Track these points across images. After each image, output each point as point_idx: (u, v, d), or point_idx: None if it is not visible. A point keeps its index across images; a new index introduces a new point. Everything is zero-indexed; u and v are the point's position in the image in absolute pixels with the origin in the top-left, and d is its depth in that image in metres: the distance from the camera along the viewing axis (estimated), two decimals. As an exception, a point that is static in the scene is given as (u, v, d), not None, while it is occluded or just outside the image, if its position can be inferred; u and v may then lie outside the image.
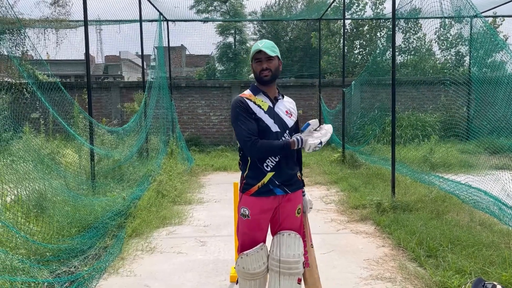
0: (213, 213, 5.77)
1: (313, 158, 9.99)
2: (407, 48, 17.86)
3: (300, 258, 2.50)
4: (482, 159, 7.86)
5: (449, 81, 8.64)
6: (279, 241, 2.50)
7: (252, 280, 2.55)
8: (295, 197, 2.58)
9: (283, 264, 2.46)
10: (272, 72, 2.48)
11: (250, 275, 2.52)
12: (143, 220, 5.07)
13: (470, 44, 12.73)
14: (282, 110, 2.56)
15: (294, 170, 2.61)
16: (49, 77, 14.56)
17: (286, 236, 2.49)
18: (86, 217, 4.54)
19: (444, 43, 17.14)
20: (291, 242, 2.48)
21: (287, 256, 2.46)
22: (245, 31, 22.29)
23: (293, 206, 2.56)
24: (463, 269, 3.42)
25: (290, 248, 2.48)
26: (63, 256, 3.71)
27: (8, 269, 2.85)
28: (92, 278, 3.55)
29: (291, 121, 2.57)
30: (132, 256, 4.16)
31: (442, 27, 16.81)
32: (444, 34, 16.90)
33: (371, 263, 3.94)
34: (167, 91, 10.41)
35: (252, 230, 2.52)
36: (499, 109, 6.76)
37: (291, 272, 2.46)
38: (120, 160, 6.70)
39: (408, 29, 17.83)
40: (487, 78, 7.84)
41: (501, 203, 5.22)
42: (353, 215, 5.49)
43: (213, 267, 3.93)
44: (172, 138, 9.70)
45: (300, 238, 2.54)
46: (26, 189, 4.30)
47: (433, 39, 17.27)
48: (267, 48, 2.46)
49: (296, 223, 2.59)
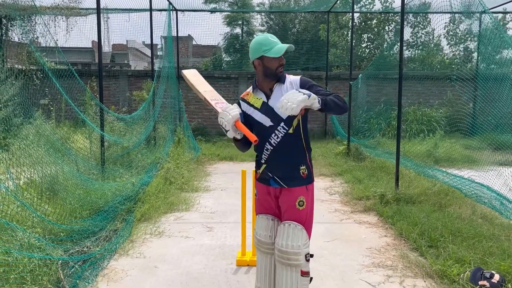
0: (219, 200, 5.89)
1: (318, 151, 10.08)
2: (415, 43, 17.82)
3: (301, 250, 2.47)
4: (485, 154, 7.92)
5: (456, 77, 8.65)
6: (280, 231, 2.54)
7: (260, 252, 2.65)
8: (296, 190, 2.54)
9: (282, 254, 2.49)
10: (282, 65, 2.52)
11: (258, 242, 2.63)
12: (151, 205, 5.20)
13: (478, 40, 12.73)
14: (278, 100, 2.46)
15: (292, 165, 2.54)
16: (56, 65, 14.68)
17: (286, 227, 2.51)
18: (97, 201, 4.68)
19: (453, 39, 17.09)
20: (291, 233, 2.49)
21: (286, 247, 2.47)
22: (252, 22, 22.30)
23: (292, 198, 2.53)
24: (463, 259, 3.52)
25: (290, 238, 2.48)
26: (76, 236, 3.85)
27: (26, 246, 2.98)
28: (103, 258, 3.68)
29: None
30: (141, 239, 4.29)
31: (452, 22, 16.76)
32: (453, 30, 16.84)
33: (373, 251, 4.05)
34: (175, 80, 10.51)
35: (262, 206, 2.68)
36: (504, 106, 6.81)
37: (290, 263, 2.47)
38: (129, 147, 6.83)
39: (417, 24, 17.79)
40: (494, 75, 7.87)
41: (503, 198, 5.31)
42: (356, 206, 5.59)
43: (220, 251, 4.05)
44: (179, 127, 9.81)
45: (303, 230, 2.51)
46: (39, 172, 4.43)
47: (442, 34, 17.24)
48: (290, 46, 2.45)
49: (299, 216, 2.53)
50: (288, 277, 2.50)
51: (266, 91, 2.57)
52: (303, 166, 2.55)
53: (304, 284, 2.51)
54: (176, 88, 10.61)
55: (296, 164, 2.54)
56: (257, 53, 2.48)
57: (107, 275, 3.45)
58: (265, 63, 2.48)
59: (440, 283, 3.28)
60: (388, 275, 3.50)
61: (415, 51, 17.81)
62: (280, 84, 2.55)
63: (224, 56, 21.80)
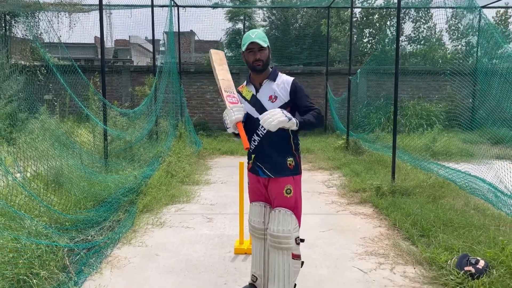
0: (219, 193, 6.05)
1: (318, 145, 10.21)
2: (416, 38, 17.87)
3: (291, 234, 2.65)
4: (483, 149, 8.03)
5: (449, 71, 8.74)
6: (272, 217, 2.72)
7: (254, 236, 2.87)
8: (283, 180, 2.70)
9: (274, 239, 2.66)
10: (263, 62, 2.68)
11: (252, 229, 2.86)
12: (153, 197, 5.35)
13: (478, 35, 12.77)
14: (266, 95, 2.70)
15: (279, 156, 2.69)
16: (59, 60, 14.85)
17: (277, 213, 2.69)
18: (101, 192, 4.84)
19: (455, 33, 17.12)
20: (281, 218, 2.66)
21: (277, 231, 2.65)
22: (254, 17, 22.33)
23: (280, 186, 2.69)
24: (452, 247, 3.66)
25: (280, 223, 2.65)
26: (80, 226, 4.01)
27: (34, 233, 3.14)
28: (107, 247, 3.84)
29: (273, 105, 2.66)
30: (143, 229, 4.45)
31: (454, 16, 16.79)
32: (455, 24, 16.87)
33: (367, 241, 4.19)
34: (176, 76, 10.64)
35: (254, 194, 2.89)
36: (503, 100, 6.90)
37: (281, 247, 2.65)
38: (131, 141, 6.98)
39: (418, 18, 17.83)
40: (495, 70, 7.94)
41: (498, 191, 5.43)
42: (353, 198, 5.73)
43: (219, 240, 4.20)
44: (181, 122, 9.96)
45: (292, 215, 2.68)
46: (44, 165, 4.60)
47: (444, 29, 17.27)
48: (259, 39, 2.62)
49: (288, 202, 2.69)
50: (280, 260, 2.67)
51: (256, 85, 2.77)
52: (290, 157, 2.72)
53: (296, 266, 2.68)
54: (178, 83, 10.75)
55: (283, 156, 2.71)
56: (242, 48, 2.70)
57: (111, 262, 3.61)
58: (245, 57, 2.72)
59: (429, 270, 3.43)
60: (380, 262, 3.64)
61: (417, 46, 17.86)
62: (270, 81, 2.73)
63: (226, 52, 21.88)
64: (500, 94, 7.17)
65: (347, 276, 3.40)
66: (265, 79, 2.74)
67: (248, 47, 2.64)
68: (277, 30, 23.44)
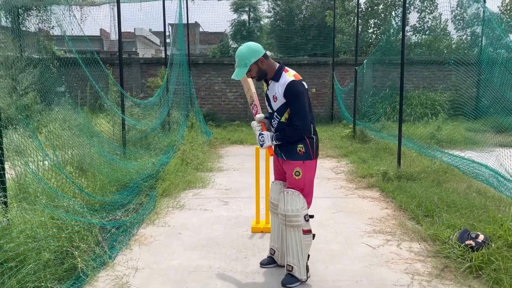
0: (232, 179, 6.34)
1: (325, 134, 10.47)
2: (421, 28, 17.97)
3: (299, 212, 2.95)
4: (487, 137, 8.24)
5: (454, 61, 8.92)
6: (280, 198, 3.04)
7: (273, 213, 3.27)
8: (293, 162, 3.02)
9: (285, 218, 2.98)
10: (256, 77, 3.04)
11: (271, 205, 3.26)
12: (171, 182, 5.66)
13: (482, 24, 12.90)
14: (271, 94, 3.05)
15: (290, 143, 3.02)
16: (65, 53, 15.10)
17: (285, 194, 3.01)
18: (123, 178, 5.14)
19: (460, 23, 17.20)
20: (289, 199, 2.97)
21: (286, 211, 2.97)
22: (259, 8, 22.44)
23: (290, 168, 3.02)
24: (454, 225, 3.93)
25: (288, 203, 2.96)
26: (108, 208, 4.32)
27: (72, 212, 3.44)
28: (133, 226, 4.15)
29: (275, 105, 3.03)
30: (164, 212, 4.76)
31: (459, 6, 16.86)
32: (460, 14, 16.94)
33: (374, 221, 4.47)
34: (186, 67, 10.90)
35: (275, 170, 3.29)
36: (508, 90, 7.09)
37: (292, 224, 2.97)
38: (146, 130, 7.28)
39: (423, 8, 17.91)
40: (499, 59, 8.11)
41: (501, 176, 5.68)
42: (360, 183, 6.01)
43: (236, 221, 4.50)
44: (191, 112, 10.25)
45: (300, 195, 2.98)
46: (72, 152, 4.90)
47: (449, 19, 17.34)
48: (239, 66, 2.95)
49: (296, 183, 3.00)
50: (293, 236, 3.00)
51: (267, 83, 3.13)
52: (301, 144, 3.01)
53: (307, 240, 3.03)
54: (187, 75, 11.01)
55: (293, 142, 3.02)
56: None
57: (138, 240, 3.92)
58: None
59: (433, 245, 3.71)
60: (387, 239, 3.93)
61: (422, 36, 17.96)
62: (274, 82, 3.03)
63: (231, 43, 22.02)
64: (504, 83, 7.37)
65: (357, 250, 3.69)
66: (271, 79, 3.05)
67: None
68: (282, 21, 23.58)
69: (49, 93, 9.09)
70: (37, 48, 12.40)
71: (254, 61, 2.93)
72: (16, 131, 4.23)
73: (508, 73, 7.02)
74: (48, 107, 7.66)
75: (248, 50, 2.93)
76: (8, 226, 2.94)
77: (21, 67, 10.58)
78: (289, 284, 3.04)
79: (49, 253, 2.95)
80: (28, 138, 3.95)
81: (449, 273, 3.21)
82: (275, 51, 22.83)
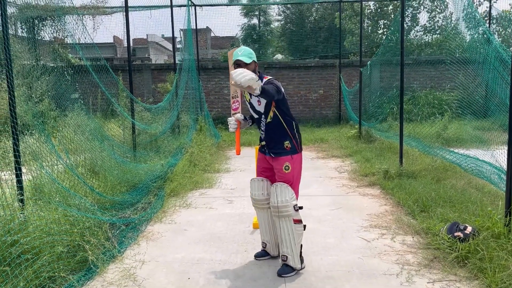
0: (238, 179, 6.56)
1: (332, 135, 10.63)
2: (432, 27, 17.98)
3: (289, 203, 3.20)
4: (494, 135, 8.29)
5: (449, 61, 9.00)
6: (271, 191, 3.30)
7: (258, 208, 3.48)
8: (282, 158, 3.30)
9: (275, 209, 3.24)
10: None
11: (255, 202, 3.47)
12: (179, 183, 5.91)
13: (489, 22, 12.93)
14: (255, 100, 3.33)
15: (277, 141, 3.31)
16: (80, 60, 15.54)
17: (275, 187, 3.27)
18: (132, 179, 5.41)
19: (472, 21, 17.15)
20: (278, 191, 3.23)
21: (276, 202, 3.22)
22: (269, 12, 22.70)
23: (280, 163, 3.29)
24: (448, 219, 4.08)
25: (278, 195, 3.22)
26: (118, 206, 4.58)
27: (83, 209, 3.71)
28: (141, 223, 4.41)
29: (261, 108, 3.33)
30: (171, 210, 5.00)
31: (470, 5, 16.83)
32: (471, 13, 16.90)
33: (372, 217, 4.64)
34: (195, 72, 11.19)
35: (259, 169, 3.55)
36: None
37: (283, 215, 3.22)
38: (156, 134, 7.56)
39: (434, 8, 17.92)
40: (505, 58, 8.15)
41: (503, 173, 5.77)
42: (362, 181, 6.17)
43: (239, 218, 4.72)
44: (200, 116, 10.52)
45: (288, 187, 3.24)
46: (82, 156, 5.19)
47: (461, 17, 17.32)
48: (244, 56, 3.22)
49: (286, 177, 3.27)
50: (285, 226, 3.24)
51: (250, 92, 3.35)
52: (287, 141, 3.33)
53: (298, 229, 3.27)
54: (197, 79, 11.30)
55: (280, 141, 3.34)
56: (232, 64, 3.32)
57: (146, 236, 4.16)
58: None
59: (425, 238, 3.87)
60: (382, 233, 4.10)
61: (432, 35, 17.96)
62: None
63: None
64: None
65: (351, 243, 3.88)
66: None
67: (236, 62, 3.25)
68: (292, 24, 23.79)
69: (63, 99, 9.49)
70: (52, 56, 12.87)
71: (254, 59, 3.29)
72: (32, 136, 4.53)
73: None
74: (63, 113, 8.02)
75: (251, 49, 3.33)
76: (25, 222, 3.20)
77: (37, 75, 11.00)
78: (284, 274, 3.25)
79: (62, 246, 3.20)
80: (43, 142, 4.24)
81: (437, 263, 3.37)
82: (285, 54, 23.04)
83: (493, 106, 8.63)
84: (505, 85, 5.11)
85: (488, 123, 9.40)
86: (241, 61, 3.22)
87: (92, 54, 8.34)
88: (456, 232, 3.53)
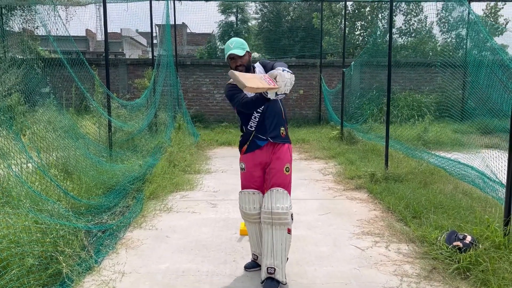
0: (221, 181, 6.30)
1: (313, 135, 10.49)
2: (407, 30, 18.17)
3: (288, 211, 2.99)
4: (473, 138, 8.34)
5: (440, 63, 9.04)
6: (269, 196, 3.02)
7: (248, 222, 3.18)
8: (284, 156, 3.09)
9: (274, 216, 2.97)
10: (245, 66, 3.04)
11: (245, 215, 3.16)
12: (158, 185, 5.59)
13: (467, 27, 13.08)
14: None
15: (276, 125, 3.09)
16: (50, 53, 14.89)
17: (275, 192, 3.01)
18: (109, 181, 5.06)
19: (445, 26, 17.44)
20: (279, 197, 3.00)
21: (277, 208, 2.97)
22: (247, 10, 22.44)
23: (281, 163, 3.06)
24: (442, 226, 3.95)
25: (279, 201, 2.98)
26: (94, 211, 4.24)
27: (56, 216, 3.37)
28: (120, 230, 4.09)
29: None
30: (152, 214, 4.70)
31: (444, 9, 17.10)
32: (445, 17, 17.18)
33: (363, 222, 4.48)
34: (173, 68, 10.82)
35: (248, 181, 3.17)
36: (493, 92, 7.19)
37: (281, 222, 2.97)
38: (133, 132, 7.19)
39: (409, 11, 18.11)
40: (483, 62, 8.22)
41: (486, 177, 5.74)
42: (348, 184, 6.02)
43: (224, 223, 4.47)
44: (179, 113, 10.17)
45: (288, 194, 3.04)
46: (54, 155, 4.81)
47: (435, 21, 17.58)
48: (237, 48, 3.00)
49: (285, 180, 3.06)
50: (278, 235, 2.98)
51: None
52: (283, 127, 3.15)
53: (290, 240, 3.05)
54: (175, 76, 10.93)
55: (278, 125, 3.11)
56: (225, 56, 3.09)
57: (125, 243, 3.85)
58: (228, 63, 3.09)
59: (421, 246, 3.72)
60: (376, 241, 3.93)
61: (408, 38, 18.16)
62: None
63: (218, 44, 21.96)
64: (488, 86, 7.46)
65: (345, 252, 3.69)
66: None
67: (229, 56, 3.03)
68: (269, 23, 23.60)
69: (33, 94, 8.95)
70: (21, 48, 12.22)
71: (247, 49, 3.08)
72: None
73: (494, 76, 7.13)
74: (32, 109, 7.54)
75: (242, 40, 3.10)
76: (-10, 231, 2.86)
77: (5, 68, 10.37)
78: (272, 289, 3.01)
79: (33, 258, 2.87)
80: (11, 140, 3.86)
81: (437, 275, 3.22)
82: (262, 53, 22.84)
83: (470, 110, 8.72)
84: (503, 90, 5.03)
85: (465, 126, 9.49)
86: (235, 55, 3.00)
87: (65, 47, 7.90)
88: (455, 242, 3.39)
